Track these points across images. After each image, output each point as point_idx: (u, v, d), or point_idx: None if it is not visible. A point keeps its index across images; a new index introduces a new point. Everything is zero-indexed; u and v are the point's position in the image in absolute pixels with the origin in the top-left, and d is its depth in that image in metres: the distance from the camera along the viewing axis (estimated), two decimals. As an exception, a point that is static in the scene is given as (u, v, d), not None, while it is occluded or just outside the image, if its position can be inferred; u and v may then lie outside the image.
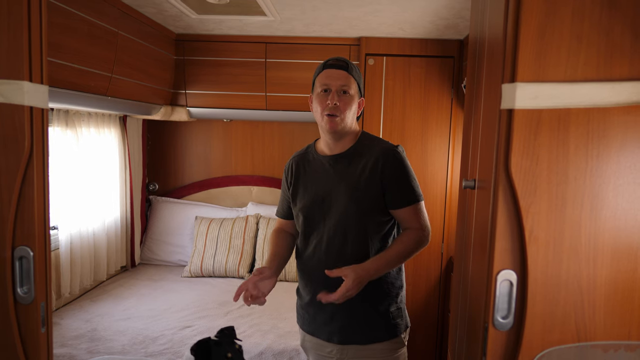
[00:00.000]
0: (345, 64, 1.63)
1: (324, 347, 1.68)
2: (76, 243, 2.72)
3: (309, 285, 1.69)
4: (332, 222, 1.62)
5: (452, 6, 2.30)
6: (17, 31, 1.07)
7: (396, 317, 1.65)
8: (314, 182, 1.69)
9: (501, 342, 1.04)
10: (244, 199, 3.65)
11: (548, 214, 0.99)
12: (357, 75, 1.66)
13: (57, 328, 2.37)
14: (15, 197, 1.10)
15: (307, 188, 1.69)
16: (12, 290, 1.12)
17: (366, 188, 1.59)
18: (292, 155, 1.82)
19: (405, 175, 1.61)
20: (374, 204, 1.60)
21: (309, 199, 1.68)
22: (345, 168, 1.64)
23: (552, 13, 0.96)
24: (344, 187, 1.62)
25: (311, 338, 1.72)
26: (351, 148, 1.66)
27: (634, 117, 0.97)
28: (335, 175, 1.65)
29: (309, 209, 1.67)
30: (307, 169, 1.72)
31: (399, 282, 1.68)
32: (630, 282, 1.01)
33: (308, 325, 1.72)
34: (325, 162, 1.68)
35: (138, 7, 2.50)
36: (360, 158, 1.63)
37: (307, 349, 1.77)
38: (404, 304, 1.71)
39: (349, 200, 1.60)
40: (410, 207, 1.61)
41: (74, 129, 2.67)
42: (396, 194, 1.60)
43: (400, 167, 1.61)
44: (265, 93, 3.18)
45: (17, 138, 1.09)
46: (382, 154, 1.61)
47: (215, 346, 1.59)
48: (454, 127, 3.02)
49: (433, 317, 3.17)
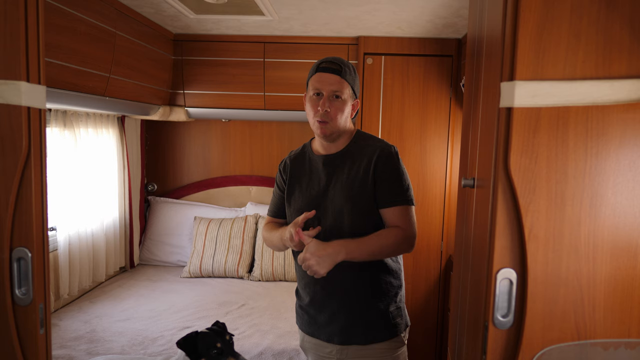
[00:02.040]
0: (339, 67, 1.58)
1: (323, 348, 1.68)
2: (75, 244, 2.71)
3: (308, 286, 1.68)
4: (328, 223, 1.61)
5: (450, 5, 2.30)
6: (14, 31, 1.06)
7: (396, 316, 1.64)
8: (309, 182, 1.68)
9: (501, 341, 1.04)
10: (243, 199, 3.65)
11: (547, 212, 0.99)
12: (351, 78, 1.61)
13: (55, 329, 2.37)
14: (13, 198, 1.10)
15: (303, 188, 1.68)
16: (10, 292, 1.12)
17: (361, 188, 1.58)
18: (288, 154, 1.80)
19: (396, 174, 1.59)
20: (369, 204, 1.59)
21: (304, 199, 1.67)
22: (340, 168, 1.63)
23: (551, 11, 0.96)
24: (339, 187, 1.61)
25: (310, 339, 1.72)
26: (345, 148, 1.65)
27: (633, 115, 0.97)
28: (330, 176, 1.64)
29: (305, 209, 1.64)
30: (303, 168, 1.71)
31: (398, 281, 1.68)
32: (630, 280, 1.01)
33: (307, 326, 1.71)
34: (320, 162, 1.67)
35: (136, 7, 2.49)
36: (354, 158, 1.62)
37: (307, 350, 1.76)
38: (403, 303, 1.70)
39: (345, 201, 1.59)
40: (397, 208, 1.57)
41: (72, 129, 2.67)
42: (384, 192, 1.57)
43: (392, 165, 1.58)
44: (263, 93, 3.18)
45: (15, 139, 1.08)
46: (376, 153, 1.59)
47: (204, 337, 1.60)
48: (452, 126, 3.02)
49: (433, 316, 3.17)
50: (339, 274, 1.54)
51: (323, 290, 1.63)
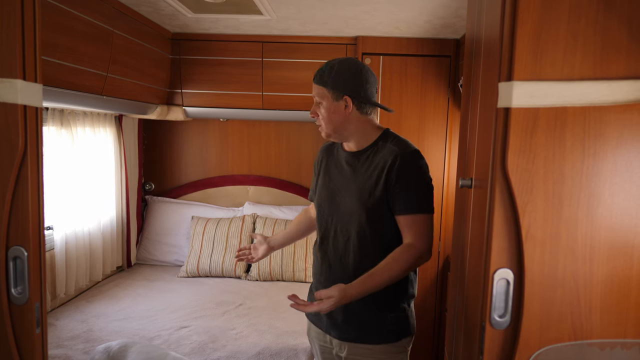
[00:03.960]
0: (317, 74, 1.59)
1: (325, 338, 1.72)
2: (71, 243, 2.70)
3: (318, 274, 1.73)
4: (338, 219, 1.64)
5: (449, 5, 2.30)
6: (10, 29, 1.06)
7: (393, 323, 1.61)
8: (331, 176, 1.70)
9: (498, 341, 1.04)
10: (241, 199, 3.64)
11: (544, 212, 0.99)
12: (329, 78, 1.56)
13: (52, 329, 2.36)
14: (9, 197, 1.09)
15: (325, 181, 1.72)
16: (6, 291, 1.12)
17: (372, 190, 1.55)
18: (324, 144, 1.84)
19: (414, 180, 1.53)
20: (379, 208, 1.55)
21: (324, 193, 1.70)
22: (359, 167, 1.62)
23: (549, 11, 0.96)
24: (352, 186, 1.60)
25: (315, 328, 1.75)
26: (368, 147, 1.62)
27: (630, 116, 0.97)
28: (348, 173, 1.64)
29: (322, 202, 1.70)
30: (330, 161, 1.74)
31: (402, 290, 1.63)
32: (626, 281, 1.01)
33: (313, 315, 1.75)
34: (343, 158, 1.69)
35: (134, 6, 2.49)
36: (374, 158, 1.59)
37: (312, 339, 1.80)
38: (408, 312, 1.64)
39: (355, 200, 1.58)
40: (411, 217, 1.52)
41: (69, 128, 2.66)
42: (399, 198, 1.52)
43: (411, 170, 1.53)
44: (261, 92, 3.17)
45: (11, 137, 1.08)
46: (396, 155, 1.54)
47: None
48: (450, 126, 3.03)
49: (430, 316, 3.18)
50: (342, 271, 1.61)
51: (327, 281, 1.65)
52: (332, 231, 1.65)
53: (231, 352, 2.19)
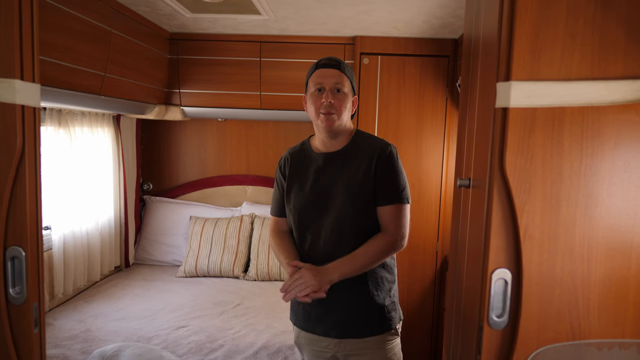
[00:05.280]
0: (337, 62, 1.65)
1: (319, 342, 1.69)
2: (69, 243, 2.70)
3: None
4: (328, 221, 1.63)
5: (447, 5, 2.31)
6: (8, 29, 1.06)
7: (391, 310, 1.68)
8: (309, 179, 1.68)
9: (496, 341, 1.04)
10: (239, 199, 3.64)
11: (542, 212, 0.99)
12: (350, 74, 1.67)
13: (50, 329, 2.36)
14: (7, 197, 1.09)
15: (303, 185, 1.69)
16: (4, 291, 1.11)
17: (361, 187, 1.61)
18: (287, 151, 1.81)
19: (394, 173, 1.62)
20: (369, 203, 1.62)
21: (304, 196, 1.68)
22: (341, 166, 1.65)
23: (547, 11, 0.96)
24: (340, 186, 1.63)
25: (306, 334, 1.72)
26: (347, 146, 1.67)
27: (628, 116, 0.97)
28: (331, 174, 1.65)
29: (305, 207, 1.67)
30: (303, 165, 1.72)
31: (392, 276, 1.71)
32: (624, 281, 1.01)
33: (302, 322, 1.72)
34: (321, 160, 1.68)
35: (132, 6, 2.48)
36: (355, 156, 1.64)
37: (302, 346, 1.77)
38: (397, 297, 1.74)
39: (346, 199, 1.61)
40: (391, 207, 1.61)
41: (67, 128, 2.65)
42: (381, 191, 1.61)
43: (391, 164, 1.62)
44: (259, 92, 3.17)
45: (9, 137, 1.08)
46: (377, 152, 1.62)
47: None
48: (448, 126, 3.03)
49: (428, 316, 3.18)
50: None
51: None
52: (322, 232, 1.64)
53: (229, 352, 2.19)
